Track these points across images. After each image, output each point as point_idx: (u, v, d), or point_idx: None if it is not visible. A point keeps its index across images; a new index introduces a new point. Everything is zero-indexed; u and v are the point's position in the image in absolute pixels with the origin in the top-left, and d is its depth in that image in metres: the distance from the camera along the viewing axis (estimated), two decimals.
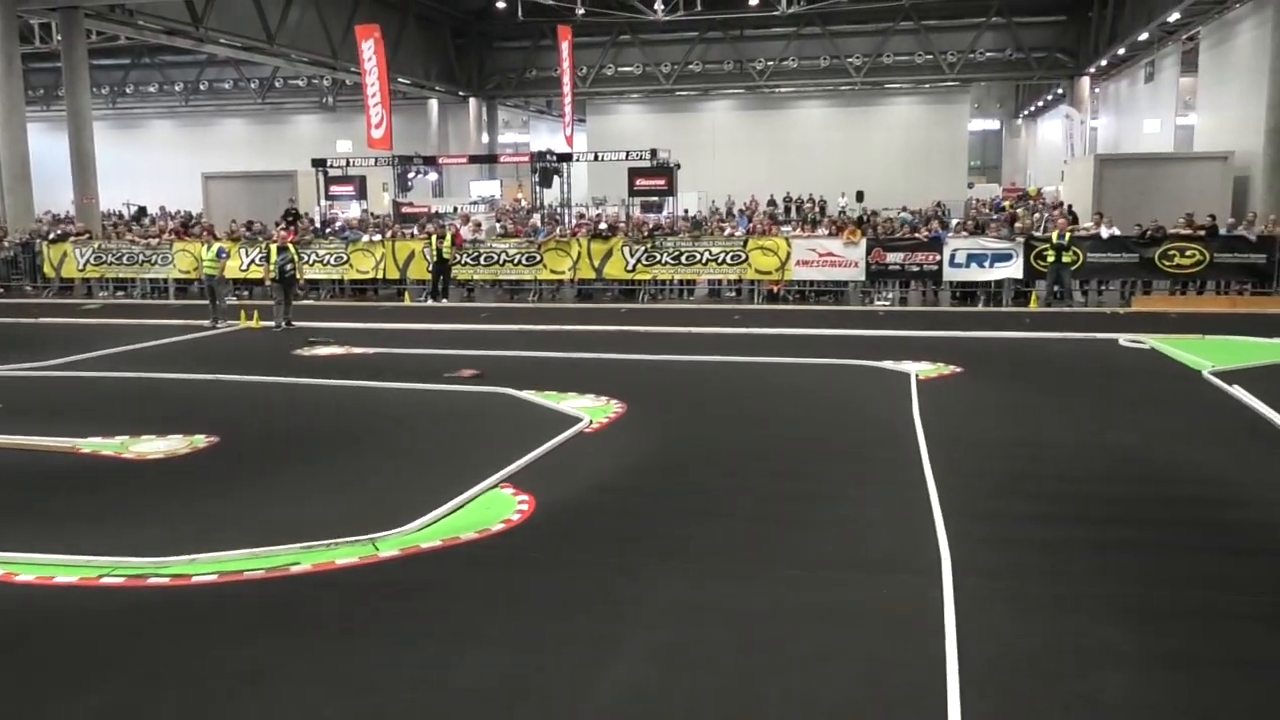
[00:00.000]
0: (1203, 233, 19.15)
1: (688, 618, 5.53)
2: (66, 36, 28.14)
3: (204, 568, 6.21)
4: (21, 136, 26.41)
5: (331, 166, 28.99)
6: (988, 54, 42.00)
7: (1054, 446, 8.98)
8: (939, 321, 16.98)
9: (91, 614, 5.68)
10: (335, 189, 28.65)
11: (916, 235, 20.68)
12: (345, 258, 22.47)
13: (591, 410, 10.36)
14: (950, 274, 19.54)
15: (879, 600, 5.72)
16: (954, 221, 23.47)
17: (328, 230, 24.83)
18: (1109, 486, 7.79)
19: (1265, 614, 5.43)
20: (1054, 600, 5.63)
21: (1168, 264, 18.72)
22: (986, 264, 19.36)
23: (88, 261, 23.87)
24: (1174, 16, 29.75)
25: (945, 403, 10.70)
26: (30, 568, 6.25)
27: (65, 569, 6.22)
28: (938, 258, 19.52)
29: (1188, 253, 18.62)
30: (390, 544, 6.58)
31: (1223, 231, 19.46)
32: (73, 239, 24.39)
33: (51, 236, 24.74)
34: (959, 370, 12.45)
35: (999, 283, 19.49)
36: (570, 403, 10.75)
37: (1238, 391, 10.79)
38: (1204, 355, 12.95)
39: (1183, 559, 6.27)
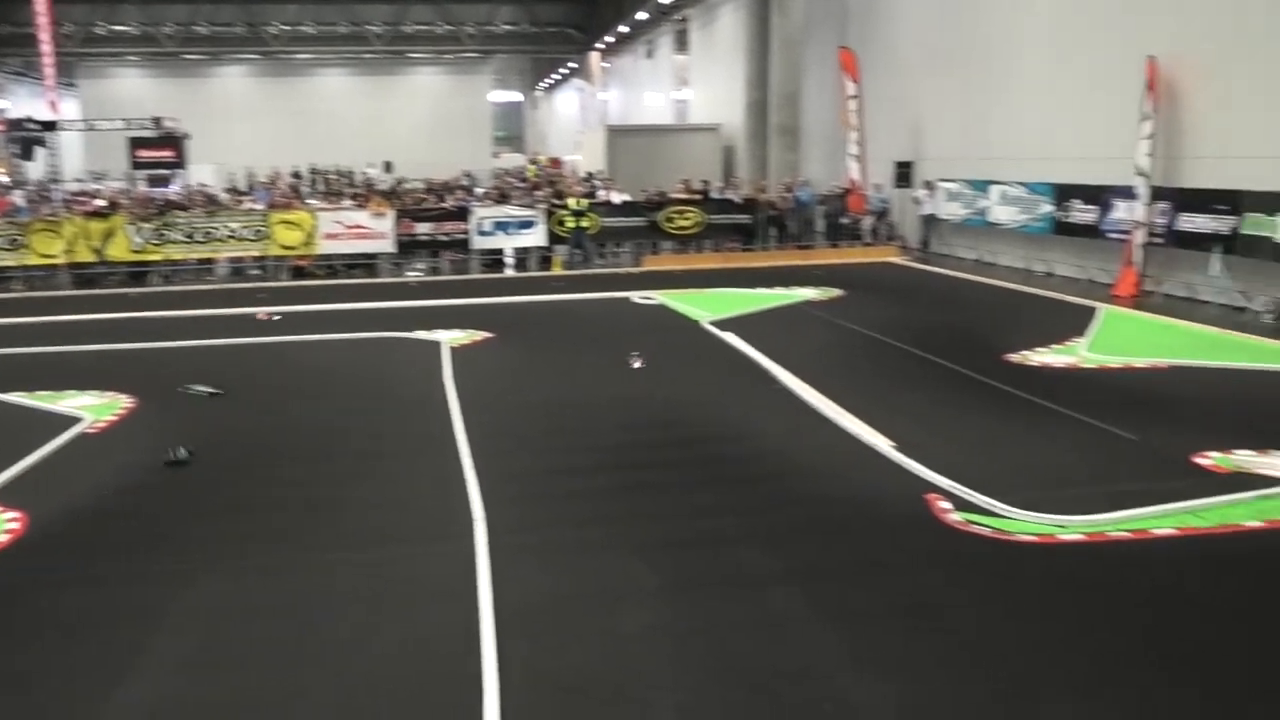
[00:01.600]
0: (698, 197, 21.17)
1: (219, 620, 5.18)
2: None
3: None
4: None
5: None
6: (505, 27, 43.25)
7: (579, 401, 9.52)
8: (469, 289, 17.31)
9: None
10: None
11: (444, 205, 20.88)
12: None
13: (94, 408, 9.34)
14: (478, 242, 19.97)
15: (419, 570, 5.72)
16: (480, 190, 23.96)
17: None
18: (630, 434, 8.40)
19: (760, 534, 6.14)
20: (583, 546, 5.97)
21: (671, 226, 20.51)
22: (512, 231, 20.02)
23: None
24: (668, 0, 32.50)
25: (476, 368, 10.94)
26: None
27: None
28: (466, 227, 19.86)
29: (687, 214, 20.52)
30: None
31: (714, 195, 21.65)
32: None
33: None
34: (489, 336, 12.78)
35: (525, 249, 20.24)
36: (68, 402, 9.61)
37: (730, 337, 12.11)
38: (703, 307, 14.39)
39: (694, 493, 6.89)
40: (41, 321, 14.85)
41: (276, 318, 11.67)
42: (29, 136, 24.57)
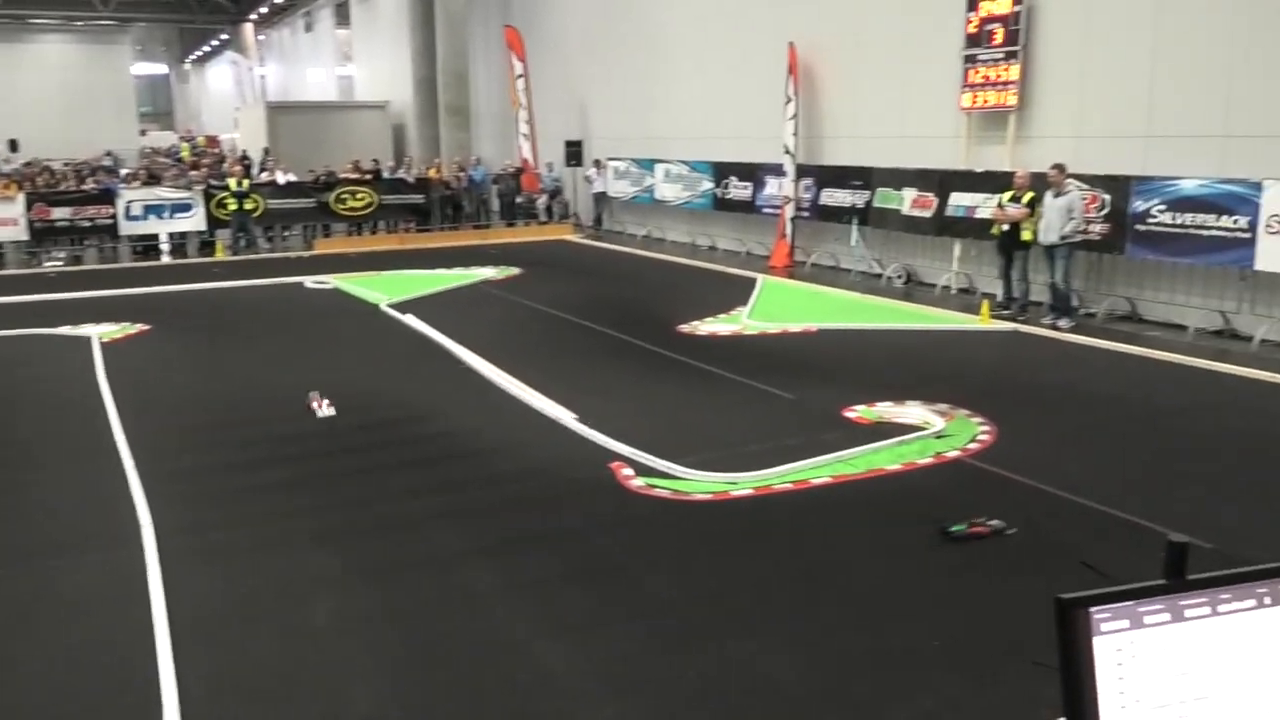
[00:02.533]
0: (370, 177, 20.62)
1: None
2: None
3: None
4: None
5: None
6: None
7: (248, 393, 9.05)
8: (120, 279, 15.89)
9: None
10: None
11: (83, 189, 19.02)
12: None
13: None
14: (127, 228, 18.37)
15: (77, 583, 5.25)
16: (124, 171, 22.03)
17: None
18: (303, 423, 8.08)
19: (450, 513, 6.12)
20: (262, 542, 5.71)
21: (342, 207, 19.83)
22: (166, 215, 18.58)
23: None
24: None
25: (133, 363, 10.13)
26: None
27: None
28: (112, 211, 18.20)
29: (359, 195, 19.92)
30: None
31: (386, 175, 21.17)
32: None
33: None
34: (146, 328, 11.84)
35: (183, 234, 18.86)
36: None
37: (410, 320, 11.94)
38: (381, 290, 14.07)
39: (380, 478, 6.75)
40: None
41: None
42: None
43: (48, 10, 39.45)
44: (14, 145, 33.72)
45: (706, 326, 11.45)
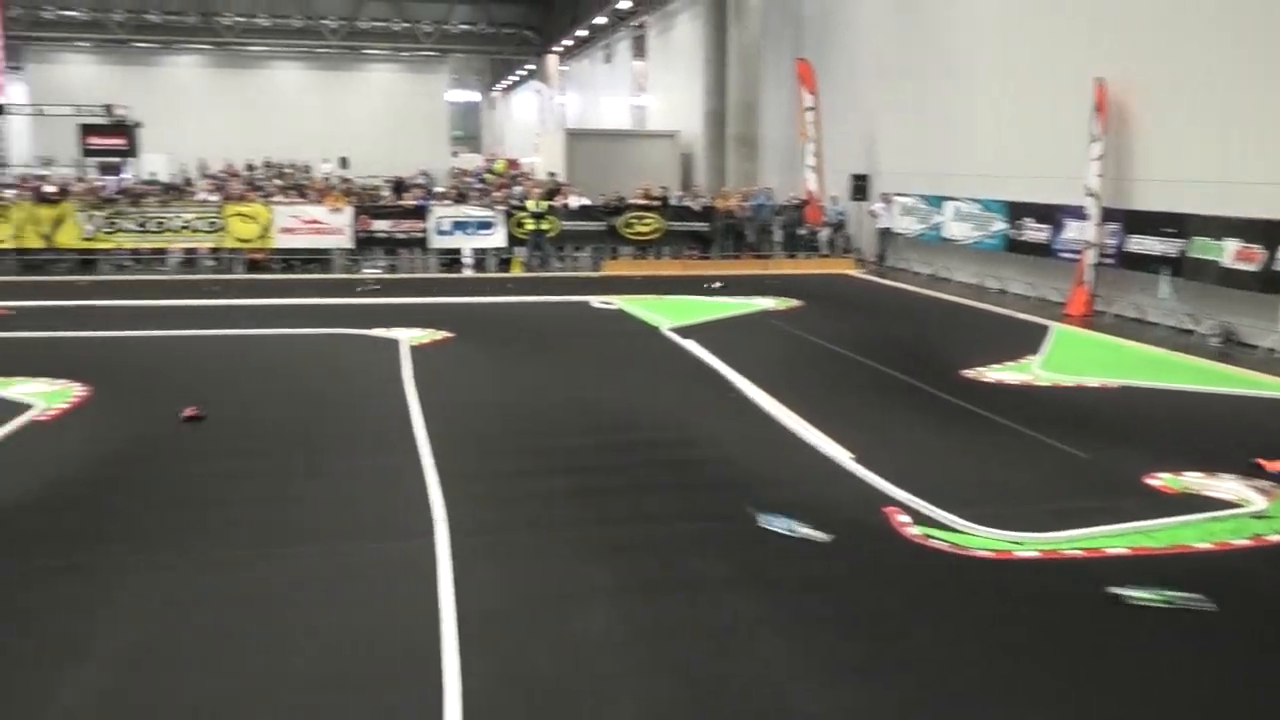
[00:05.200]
0: (657, 203, 21.24)
1: (167, 614, 5.09)
2: None
3: None
4: None
5: None
6: (462, 26, 43.04)
7: (538, 403, 9.50)
8: (427, 288, 17.19)
9: None
10: None
11: (402, 203, 20.74)
12: None
13: (46, 395, 9.15)
14: (436, 242, 19.85)
15: (373, 568, 5.67)
16: (438, 189, 23.82)
17: None
18: (586, 437, 8.41)
19: (716, 541, 6.16)
20: (541, 548, 5.96)
21: (629, 231, 20.53)
22: (470, 231, 19.93)
23: None
24: (626, 4, 32.51)
25: (437, 368, 10.86)
26: None
27: None
28: (424, 226, 19.73)
29: (646, 220, 20.56)
30: None
31: (673, 202, 21.74)
32: None
33: None
34: (449, 335, 12.70)
35: (484, 250, 20.15)
36: (18, 388, 9.40)
37: (691, 345, 12.16)
38: (662, 313, 14.43)
39: (648, 497, 6.91)
40: None
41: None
42: None
43: (379, 43, 43.39)
44: (344, 162, 37.26)
45: (994, 373, 10.95)
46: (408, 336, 12.43)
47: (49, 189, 20.24)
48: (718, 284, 17.62)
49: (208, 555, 5.81)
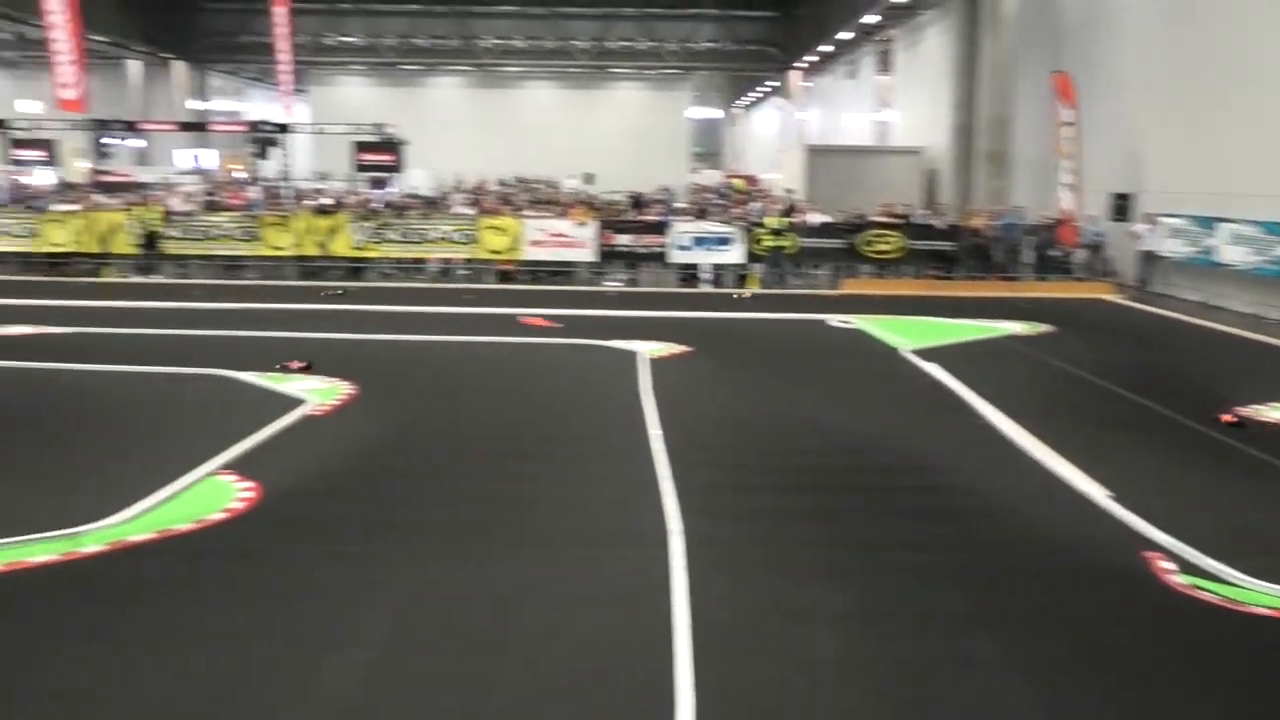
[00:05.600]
0: (900, 221, 20.75)
1: (418, 603, 5.42)
2: None
3: None
4: None
5: (14, 129, 26.13)
6: (706, 44, 43.63)
7: (773, 420, 9.47)
8: (666, 302, 17.51)
9: None
10: (20, 153, 25.84)
11: (644, 218, 21.23)
12: (36, 229, 20.37)
13: (319, 392, 9.94)
14: (676, 256, 20.20)
15: (608, 575, 5.82)
16: (678, 205, 24.24)
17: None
18: (821, 457, 8.32)
19: (955, 572, 5.95)
20: (773, 566, 5.94)
21: (869, 249, 20.17)
22: (709, 247, 20.15)
23: None
24: (873, 19, 32.00)
25: (674, 381, 11.03)
26: None
27: None
28: (664, 241, 20.12)
29: (887, 239, 20.14)
30: (94, 538, 6.04)
31: (916, 220, 21.17)
32: None
33: None
34: (686, 349, 12.88)
35: (722, 266, 20.32)
36: (295, 385, 10.26)
37: (933, 368, 11.80)
38: (902, 335, 14.07)
39: (887, 523, 6.76)
40: (270, 308, 15.91)
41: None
42: (265, 137, 26.40)
43: (625, 62, 44.63)
44: (589, 178, 38.52)
45: (1273, 412, 10.03)
46: (646, 349, 12.69)
47: (325, 202, 22.05)
48: (747, 295, 17.12)
49: (453, 551, 6.13)
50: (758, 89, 54.65)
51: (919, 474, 7.91)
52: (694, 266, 20.43)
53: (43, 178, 26.36)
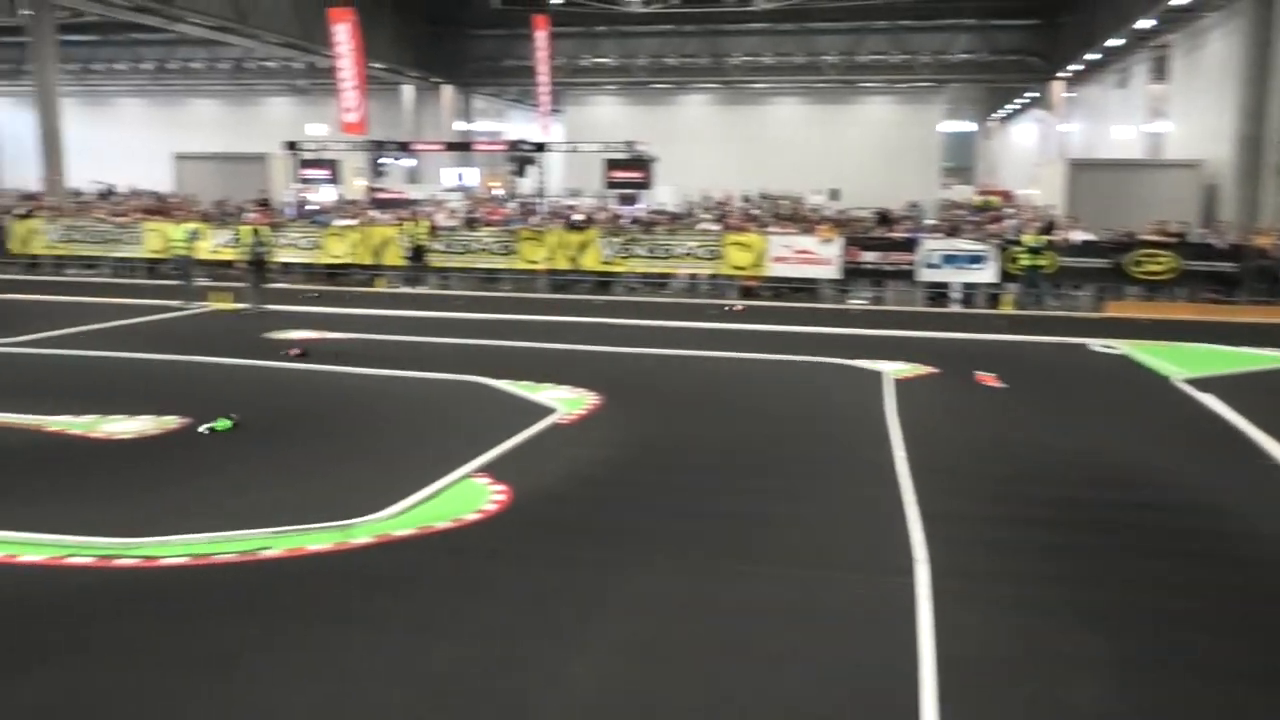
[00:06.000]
0: (1174, 239, 19.31)
1: (658, 612, 5.50)
2: (35, 10, 27.64)
3: (174, 550, 6.11)
4: None
5: (304, 150, 28.69)
6: (961, 55, 42.23)
7: (1026, 449, 9.02)
8: (913, 321, 17.04)
9: (55, 594, 5.57)
10: (308, 172, 28.37)
11: (891, 236, 20.76)
12: (318, 242, 22.25)
13: (567, 401, 10.31)
14: (924, 274, 19.62)
15: (851, 599, 5.70)
16: (927, 222, 23.57)
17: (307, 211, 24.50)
18: (1079, 490, 7.83)
19: (1225, 620, 5.48)
20: (1024, 603, 5.65)
21: (1138, 270, 18.86)
22: (960, 265, 19.45)
23: (56, 239, 23.47)
24: (1148, 24, 29.99)
25: (919, 402, 10.71)
26: None
27: (30, 548, 6.10)
28: (912, 258, 19.60)
29: (1158, 259, 18.77)
30: (363, 531, 6.50)
31: (1193, 239, 19.64)
32: (42, 215, 24.01)
33: (19, 213, 24.31)
34: (933, 370, 12.48)
35: (973, 285, 19.58)
36: (545, 393, 10.69)
37: (1210, 400, 10.88)
38: (1174, 362, 13.06)
39: (1148, 564, 6.29)
40: (524, 319, 16.65)
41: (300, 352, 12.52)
42: (523, 156, 27.74)
43: (876, 76, 43.85)
44: (835, 194, 38.11)
45: None
46: (891, 369, 12.39)
47: (577, 217, 22.88)
48: (737, 307, 16.39)
49: (694, 563, 6.19)
50: (1015, 101, 52.40)
51: (1190, 514, 7.31)
52: (944, 285, 19.78)
53: (326, 195, 28.79)
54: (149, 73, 46.69)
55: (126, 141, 47.32)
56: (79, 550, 6.07)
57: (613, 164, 26.07)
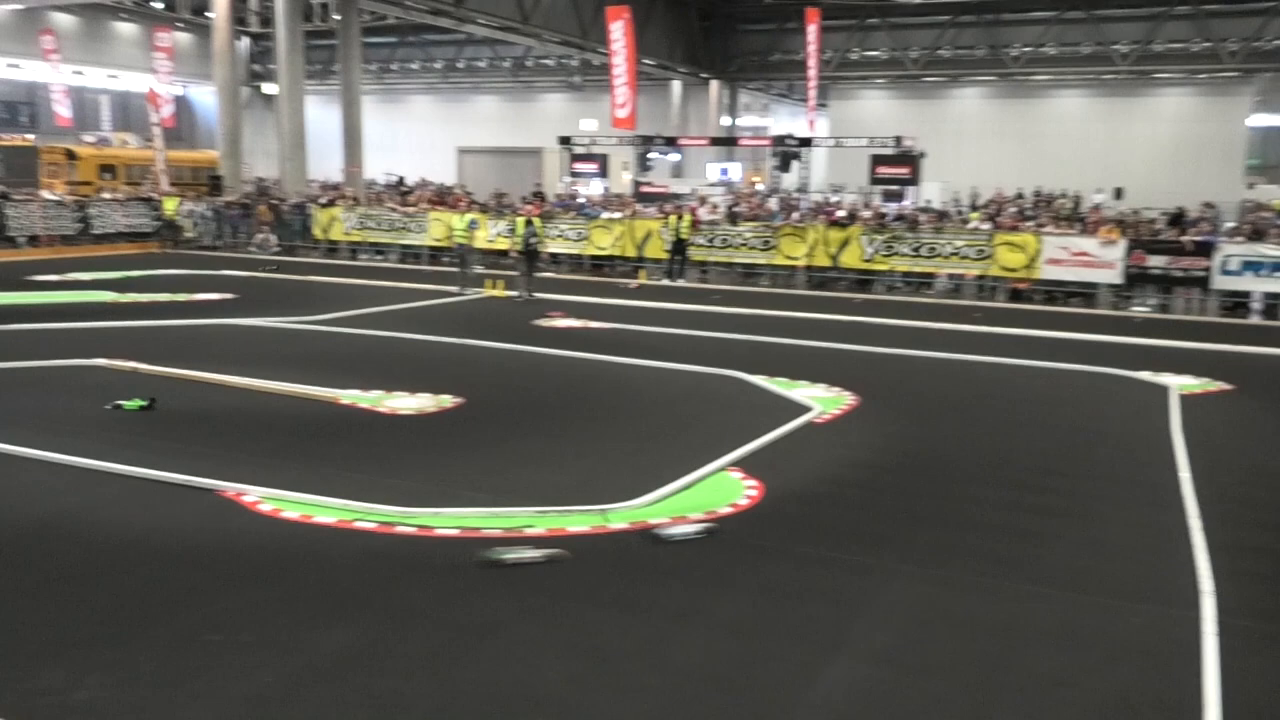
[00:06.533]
0: None
1: (916, 623, 5.35)
2: (344, 16, 30.21)
3: (447, 521, 6.53)
4: (300, 108, 28.60)
5: (576, 144, 29.84)
6: (1276, 42, 38.40)
7: None
8: (1205, 333, 15.68)
9: (345, 554, 6.07)
10: (579, 166, 29.51)
11: (1181, 240, 19.18)
12: (586, 233, 23.09)
13: (823, 400, 10.20)
14: (1220, 282, 18.01)
15: (1127, 629, 5.34)
16: (1227, 225, 21.59)
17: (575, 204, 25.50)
18: None
19: None
20: None
21: None
22: (1264, 273, 17.73)
23: (353, 226, 25.58)
24: None
25: (1210, 422, 9.87)
26: (294, 505, 6.75)
27: (324, 510, 6.68)
28: (1207, 264, 18.03)
29: None
30: (621, 516, 6.70)
31: None
32: (341, 204, 26.24)
33: (322, 201, 26.68)
34: (1228, 387, 11.46)
35: (1277, 294, 17.80)
36: (801, 391, 10.62)
37: None
38: None
39: None
40: (781, 316, 16.61)
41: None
42: (788, 151, 27.65)
43: (1173, 66, 40.63)
44: (1119, 193, 35.65)
45: None
46: (1177, 384, 11.49)
47: (840, 214, 22.57)
48: (633, 285, 14.79)
49: (954, 576, 5.98)
50: None
51: None
52: (1243, 295, 18.09)
53: (594, 188, 29.84)
54: (438, 71, 49.94)
55: (416, 136, 50.83)
56: (364, 515, 6.60)
57: (878, 159, 25.54)
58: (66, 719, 4.21)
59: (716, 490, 7.36)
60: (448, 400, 9.93)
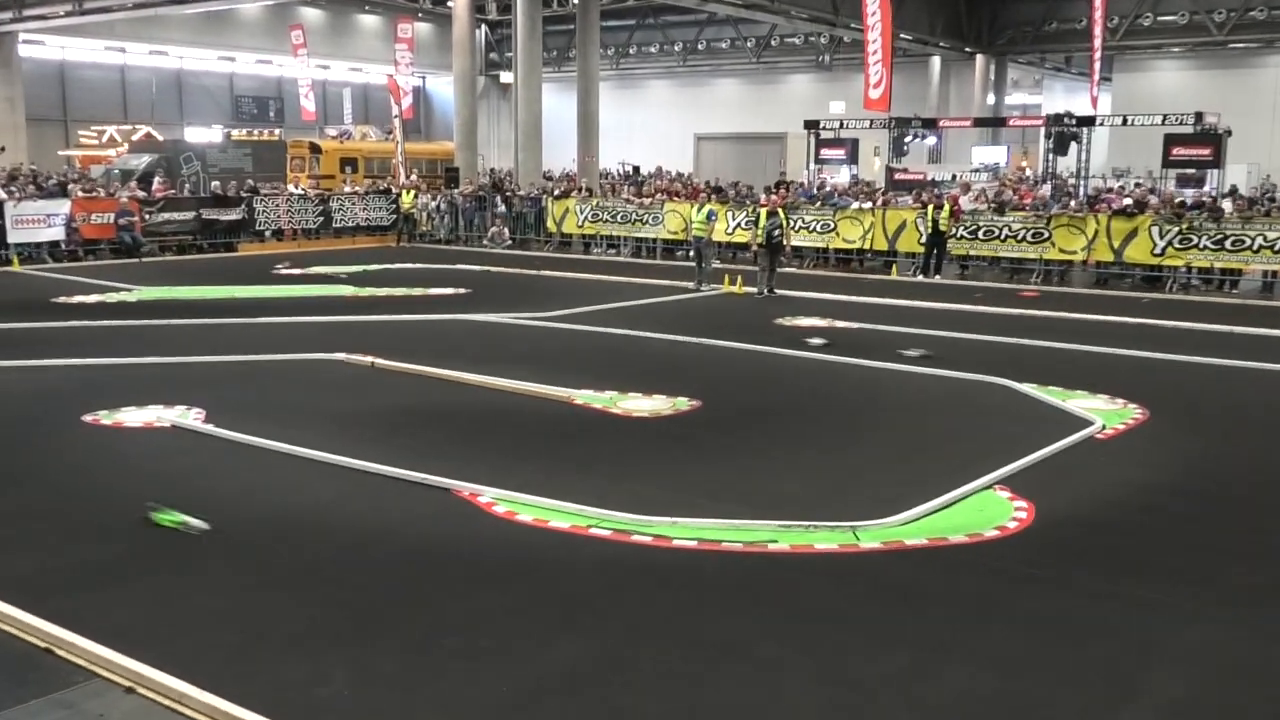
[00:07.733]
0: None
1: (1226, 674, 4.97)
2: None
3: (685, 532, 6.61)
4: (537, 96, 29.75)
5: (823, 129, 29.53)
6: None
7: None
8: None
9: (579, 561, 6.26)
10: (825, 152, 29.21)
11: None
12: (832, 225, 22.80)
13: (1104, 414, 9.65)
14: None
15: None
16: None
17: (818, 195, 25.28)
18: None
19: None
20: None
21: None
22: None
23: (586, 219, 26.34)
24: None
25: None
26: (529, 509, 7.01)
27: (559, 514, 6.91)
28: None
29: None
30: (872, 535, 6.58)
31: None
32: (575, 196, 27.08)
33: (556, 194, 27.63)
34: None
35: None
36: (1078, 402, 10.10)
37: None
38: None
39: None
40: (1053, 316, 15.83)
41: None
42: (1067, 131, 26.34)
43: None
44: None
45: None
46: None
47: (1126, 202, 21.28)
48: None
49: (1269, 620, 5.52)
50: None
51: None
52: None
53: (842, 176, 29.46)
54: (676, 54, 50.70)
55: (652, 123, 51.81)
56: (599, 522, 6.77)
57: (1173, 139, 23.92)
58: (308, 716, 4.53)
59: (981, 510, 7.11)
60: (684, 403, 10.06)
